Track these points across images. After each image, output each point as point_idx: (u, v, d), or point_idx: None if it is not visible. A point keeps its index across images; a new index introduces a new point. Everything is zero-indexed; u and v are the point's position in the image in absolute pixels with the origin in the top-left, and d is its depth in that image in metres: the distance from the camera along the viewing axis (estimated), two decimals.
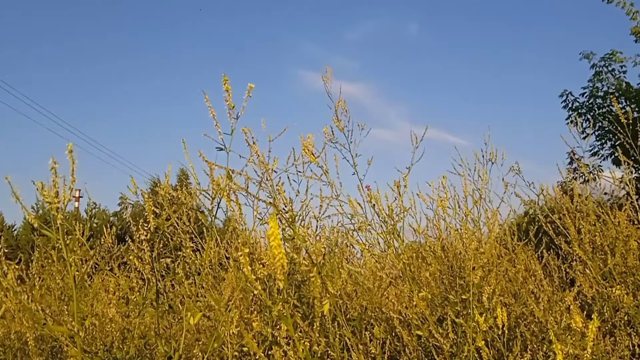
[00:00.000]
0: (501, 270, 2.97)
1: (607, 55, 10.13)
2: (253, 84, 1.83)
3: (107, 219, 25.55)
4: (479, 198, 3.46)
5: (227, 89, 1.82)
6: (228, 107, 1.82)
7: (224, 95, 1.83)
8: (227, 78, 1.81)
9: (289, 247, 2.22)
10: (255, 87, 1.89)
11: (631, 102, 9.79)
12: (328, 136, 3.63)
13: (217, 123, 1.78)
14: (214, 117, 1.79)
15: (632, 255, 2.74)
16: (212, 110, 1.79)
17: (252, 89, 1.85)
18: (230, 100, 1.82)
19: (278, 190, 2.24)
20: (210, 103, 1.79)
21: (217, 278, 2.71)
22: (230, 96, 1.82)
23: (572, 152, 10.05)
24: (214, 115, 1.78)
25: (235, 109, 1.83)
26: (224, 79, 1.81)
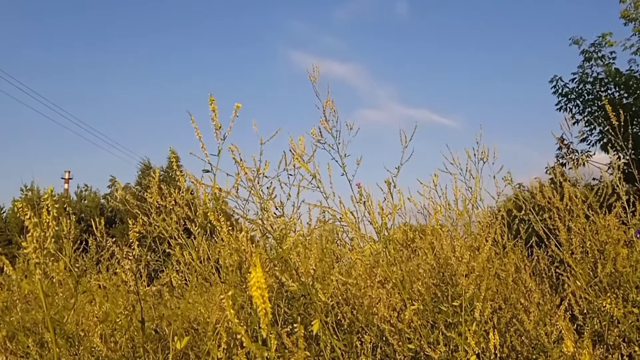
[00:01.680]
0: (492, 274, 2.97)
1: (597, 41, 10.09)
2: (240, 104, 1.78)
3: (97, 201, 25.39)
4: (470, 198, 3.45)
5: (214, 109, 1.77)
6: (215, 127, 1.77)
7: (211, 115, 1.78)
8: (214, 98, 1.76)
9: (278, 269, 2.19)
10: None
11: (620, 87, 9.79)
12: (316, 137, 3.58)
13: (203, 145, 1.74)
14: (200, 138, 1.74)
15: (621, 261, 2.73)
16: (198, 132, 1.73)
17: (239, 109, 1.80)
18: (217, 120, 1.77)
19: (266, 209, 2.19)
20: (196, 124, 1.73)
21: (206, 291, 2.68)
22: (217, 116, 1.77)
23: (561, 138, 10.08)
24: (200, 137, 1.73)
25: (222, 129, 1.78)
26: (210, 99, 1.75)
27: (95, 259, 3.77)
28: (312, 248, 2.17)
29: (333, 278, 2.63)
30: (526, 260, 3.57)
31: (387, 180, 3.77)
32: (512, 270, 3.23)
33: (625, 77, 9.62)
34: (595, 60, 10.07)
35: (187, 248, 2.92)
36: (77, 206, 24.71)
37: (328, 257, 3.39)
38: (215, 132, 1.78)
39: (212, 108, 1.77)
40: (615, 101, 9.58)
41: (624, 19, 9.76)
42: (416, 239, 3.29)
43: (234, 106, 1.80)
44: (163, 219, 2.51)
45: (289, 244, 2.08)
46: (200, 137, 1.74)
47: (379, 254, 2.53)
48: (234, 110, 1.80)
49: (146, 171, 25.23)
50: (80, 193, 26.24)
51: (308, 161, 3.06)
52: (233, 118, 1.78)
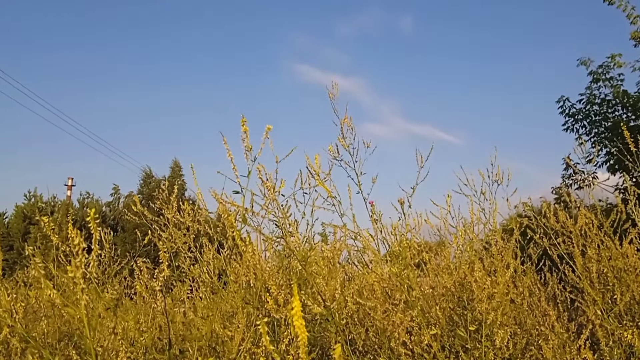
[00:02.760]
0: (507, 299, 2.96)
1: (606, 62, 10.10)
2: (271, 126, 1.79)
3: (99, 208, 25.36)
4: (486, 222, 3.46)
5: (245, 130, 1.78)
6: (245, 149, 1.78)
7: (242, 136, 1.79)
8: (246, 119, 1.77)
9: (304, 292, 2.18)
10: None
11: (628, 109, 9.79)
12: (333, 154, 3.59)
13: (234, 166, 1.74)
14: (232, 160, 1.74)
15: (637, 289, 2.73)
16: (229, 153, 1.74)
17: (270, 130, 1.81)
18: (248, 141, 1.78)
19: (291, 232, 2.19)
20: (228, 146, 1.74)
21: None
22: (248, 137, 1.78)
23: (567, 159, 10.07)
24: (231, 158, 1.73)
25: (252, 150, 1.79)
26: (242, 120, 1.76)
27: (108, 272, 3.77)
28: (336, 272, 2.16)
29: (349, 299, 2.63)
30: (539, 284, 3.56)
31: (401, 199, 3.79)
32: (526, 294, 3.22)
33: (633, 99, 9.62)
34: (604, 81, 10.08)
35: (203, 264, 2.92)
36: (80, 213, 24.66)
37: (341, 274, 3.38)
38: (246, 154, 1.79)
39: (243, 129, 1.78)
40: (622, 123, 9.59)
41: (634, 40, 9.78)
42: (431, 260, 3.29)
43: (265, 128, 1.81)
44: (184, 233, 2.51)
45: (313, 266, 2.08)
46: (232, 159, 1.74)
47: (397, 276, 2.52)
48: (265, 132, 1.81)
49: (147, 180, 25.22)
50: (83, 200, 26.23)
51: (325, 179, 3.07)
52: (264, 140, 1.79)
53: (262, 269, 2.50)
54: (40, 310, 3.58)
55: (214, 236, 2.71)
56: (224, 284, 3.36)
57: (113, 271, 4.14)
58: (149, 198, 22.51)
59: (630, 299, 2.76)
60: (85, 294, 0.99)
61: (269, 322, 2.28)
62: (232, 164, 1.74)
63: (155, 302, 1.77)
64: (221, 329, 2.57)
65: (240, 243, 1.89)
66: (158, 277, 1.64)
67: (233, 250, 3.31)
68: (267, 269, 2.87)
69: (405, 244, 2.54)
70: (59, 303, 1.09)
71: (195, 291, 3.50)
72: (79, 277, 1.01)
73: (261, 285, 2.51)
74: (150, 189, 24.13)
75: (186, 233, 2.75)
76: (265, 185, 2.05)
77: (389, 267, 2.66)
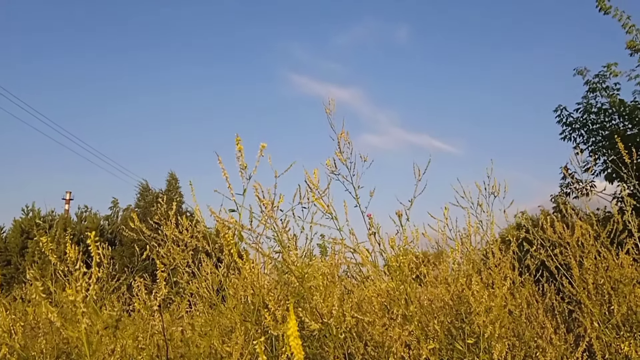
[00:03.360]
0: (505, 311, 2.97)
1: (602, 72, 10.15)
2: (265, 144, 1.81)
3: (97, 222, 25.34)
4: (483, 234, 3.47)
5: (240, 149, 1.80)
6: (240, 167, 1.80)
7: (237, 154, 1.81)
8: (240, 138, 1.79)
9: (301, 310, 2.19)
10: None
11: (625, 118, 9.83)
12: (330, 168, 3.61)
13: (229, 185, 1.76)
14: (227, 178, 1.76)
15: (635, 300, 2.74)
16: (225, 173, 1.76)
17: (264, 148, 1.83)
18: (243, 160, 1.80)
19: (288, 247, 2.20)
20: (223, 165, 1.76)
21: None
22: (243, 156, 1.80)
23: (565, 168, 10.11)
24: (226, 177, 1.75)
25: (247, 169, 1.81)
26: (236, 139, 1.78)
27: (106, 288, 3.77)
28: (334, 287, 2.17)
29: (347, 314, 2.64)
30: (537, 296, 3.57)
31: (398, 211, 3.80)
32: (524, 306, 3.23)
33: (629, 108, 9.66)
34: (600, 91, 10.13)
35: (201, 279, 2.93)
36: (78, 227, 24.63)
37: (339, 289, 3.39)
38: (241, 172, 1.81)
39: (238, 148, 1.80)
40: (619, 132, 9.63)
41: (629, 49, 9.83)
42: (429, 273, 3.30)
43: (260, 146, 1.83)
44: (182, 249, 2.52)
45: (311, 281, 2.09)
46: (227, 178, 1.76)
47: (395, 291, 2.53)
48: (259, 150, 1.83)
49: (144, 193, 25.22)
50: (81, 214, 26.22)
51: (323, 194, 3.08)
52: (258, 158, 1.81)
53: (260, 285, 2.51)
54: (38, 327, 3.58)
55: (212, 252, 2.72)
56: (223, 298, 3.37)
57: (111, 287, 4.15)
58: (146, 212, 22.51)
59: (628, 310, 2.77)
60: (85, 317, 1.01)
61: (268, 337, 2.28)
62: (227, 182, 1.76)
63: (153, 320, 1.78)
64: (220, 344, 2.58)
65: (238, 260, 1.91)
66: (155, 297, 1.65)
67: (231, 265, 3.32)
68: (265, 283, 2.88)
69: (403, 259, 2.55)
70: (59, 324, 1.10)
71: (194, 306, 3.51)
72: (79, 301, 1.03)
73: (259, 301, 2.52)
74: (147, 203, 24.15)
75: (185, 249, 2.76)
76: (262, 203, 2.07)
77: (387, 282, 2.67)
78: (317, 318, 2.13)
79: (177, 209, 3.15)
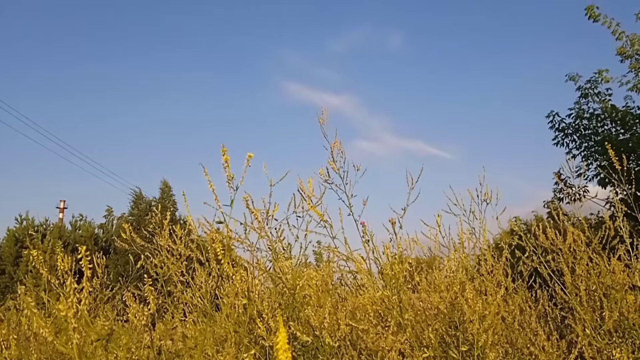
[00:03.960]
0: (499, 318, 2.98)
1: (593, 78, 10.23)
2: (252, 153, 1.82)
3: (92, 231, 25.23)
4: (476, 241, 3.49)
5: (227, 160, 1.80)
6: (227, 178, 1.81)
7: (223, 165, 1.82)
8: (226, 149, 1.79)
9: (293, 324, 2.20)
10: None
11: (617, 123, 9.90)
12: (324, 177, 3.63)
13: (216, 197, 1.77)
14: (214, 190, 1.77)
15: (626, 306, 2.75)
16: (211, 184, 1.77)
17: (251, 158, 1.84)
18: (230, 171, 1.81)
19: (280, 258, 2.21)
20: (209, 177, 1.77)
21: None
22: (229, 167, 1.81)
23: (558, 173, 10.16)
24: (213, 189, 1.76)
25: (234, 179, 1.81)
26: (222, 149, 1.79)
27: (100, 298, 3.77)
28: (327, 297, 2.18)
29: (341, 322, 2.64)
30: (530, 302, 3.58)
31: (392, 219, 3.81)
32: (517, 313, 3.24)
33: (621, 113, 9.73)
34: (592, 96, 10.20)
35: (195, 289, 2.93)
36: (72, 236, 24.53)
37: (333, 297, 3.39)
38: (228, 183, 1.81)
39: (224, 159, 1.81)
40: (612, 137, 9.68)
41: (620, 55, 9.91)
42: (423, 280, 3.31)
43: (246, 156, 1.84)
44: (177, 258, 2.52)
45: (305, 290, 2.10)
46: (214, 190, 1.77)
47: (390, 300, 2.54)
48: (246, 160, 1.84)
49: (138, 201, 25.15)
50: (75, 223, 26.10)
51: (317, 203, 3.09)
52: (245, 168, 1.82)
53: (254, 294, 2.52)
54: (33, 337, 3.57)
55: (205, 262, 2.73)
56: (217, 307, 3.37)
57: (105, 297, 4.14)
58: (140, 220, 22.44)
59: (620, 316, 2.78)
60: (76, 332, 1.01)
61: (261, 347, 2.29)
62: (214, 194, 1.77)
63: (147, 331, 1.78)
64: (214, 353, 2.58)
65: (229, 271, 1.91)
66: (144, 314, 1.65)
67: (223, 274, 3.32)
68: (258, 292, 2.89)
69: (397, 267, 2.57)
70: (50, 339, 1.11)
71: (189, 314, 3.51)
72: (70, 317, 1.03)
73: (252, 310, 2.52)
74: (140, 211, 24.08)
75: (179, 258, 2.76)
76: (253, 213, 2.08)
77: (382, 290, 2.68)
78: (309, 329, 2.13)
79: (171, 217, 3.15)
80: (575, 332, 2.99)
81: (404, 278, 2.90)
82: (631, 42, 9.81)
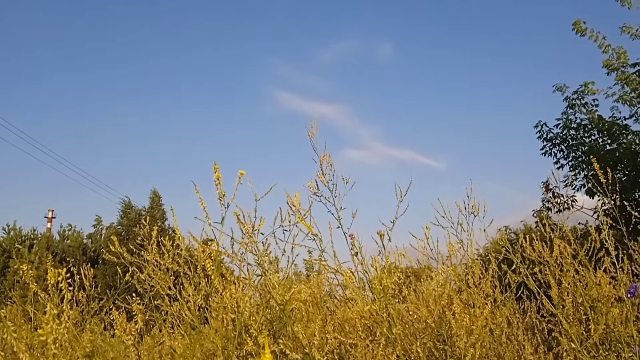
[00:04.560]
0: (486, 331, 3.00)
1: (580, 89, 10.35)
2: (244, 171, 1.83)
3: (80, 241, 25.02)
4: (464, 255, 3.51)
5: (218, 177, 1.81)
6: (219, 195, 1.82)
7: (215, 182, 1.83)
8: (218, 166, 1.80)
9: (282, 341, 2.20)
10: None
11: (604, 134, 10.00)
12: (313, 190, 3.64)
13: (207, 214, 1.77)
14: (204, 208, 1.77)
15: (612, 319, 2.78)
16: (202, 202, 1.77)
17: (242, 175, 1.85)
18: (221, 188, 1.82)
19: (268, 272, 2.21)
20: (200, 194, 1.78)
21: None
22: (221, 184, 1.82)
23: (546, 184, 10.21)
24: (204, 206, 1.77)
25: (226, 197, 1.82)
26: (214, 166, 1.80)
27: (86, 311, 3.74)
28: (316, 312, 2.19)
29: (330, 336, 2.64)
30: (517, 314, 3.60)
31: (380, 231, 3.83)
32: (504, 325, 3.26)
33: (608, 124, 9.84)
34: (579, 107, 10.32)
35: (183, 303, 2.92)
36: (60, 246, 24.30)
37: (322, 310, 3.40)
38: (219, 200, 1.82)
39: (216, 176, 1.82)
40: (598, 147, 9.78)
41: (606, 68, 10.05)
42: (410, 294, 3.32)
43: (238, 173, 1.85)
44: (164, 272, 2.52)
45: (290, 309, 2.10)
46: (205, 207, 1.78)
47: (378, 313, 2.55)
48: (237, 178, 1.85)
49: (127, 210, 24.98)
50: (63, 233, 25.86)
51: (305, 216, 3.10)
52: (237, 186, 1.83)
53: (242, 308, 2.52)
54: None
55: (193, 277, 2.73)
56: (206, 319, 3.36)
57: (93, 310, 4.10)
58: (129, 230, 22.29)
59: (606, 328, 2.81)
60: (56, 358, 1.01)
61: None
62: (205, 212, 1.77)
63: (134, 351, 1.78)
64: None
65: (219, 287, 1.92)
66: (132, 331, 1.65)
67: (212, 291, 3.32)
68: (248, 306, 2.89)
69: (385, 281, 2.58)
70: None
71: (177, 327, 3.49)
72: (50, 343, 1.03)
73: (240, 325, 2.52)
74: (129, 220, 23.91)
75: (166, 273, 2.76)
76: (243, 228, 2.08)
77: (370, 303, 2.69)
78: (298, 346, 2.14)
79: (160, 227, 3.15)
80: (562, 345, 3.01)
81: (393, 291, 2.91)
82: (617, 55, 9.96)
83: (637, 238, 3.73)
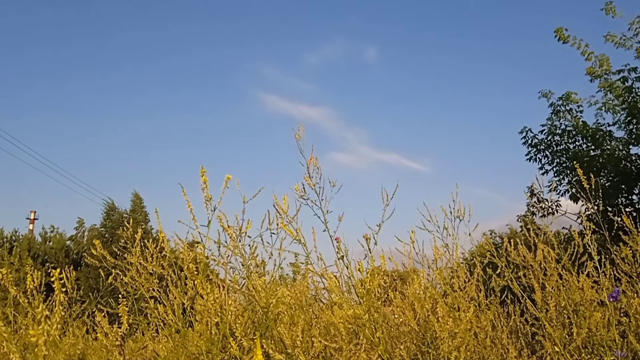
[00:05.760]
0: (471, 334, 3.01)
1: (564, 96, 10.47)
2: (231, 175, 1.83)
3: (63, 242, 24.74)
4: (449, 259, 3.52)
5: (205, 181, 1.81)
6: (205, 199, 1.81)
7: (202, 186, 1.82)
8: (205, 170, 1.80)
9: (265, 342, 2.19)
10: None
11: (588, 140, 10.10)
12: (300, 193, 3.63)
13: (194, 217, 1.76)
14: (191, 210, 1.76)
15: (594, 323, 2.81)
16: (189, 204, 1.76)
17: (229, 180, 1.84)
18: (208, 191, 1.81)
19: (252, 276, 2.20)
20: (188, 197, 1.77)
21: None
22: (208, 188, 1.81)
23: (531, 190, 10.30)
24: (191, 208, 1.76)
25: (212, 200, 1.81)
26: (201, 171, 1.79)
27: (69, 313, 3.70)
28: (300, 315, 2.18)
29: (315, 340, 2.64)
30: (502, 318, 3.62)
31: (366, 235, 3.83)
32: (489, 329, 3.28)
33: (592, 130, 9.95)
34: (563, 113, 10.43)
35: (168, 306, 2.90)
36: (42, 248, 24.01)
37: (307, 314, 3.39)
38: (206, 203, 1.81)
39: (203, 180, 1.81)
40: (583, 153, 9.88)
41: (589, 75, 10.18)
42: (396, 297, 3.33)
43: (225, 177, 1.84)
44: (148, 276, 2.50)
45: (279, 307, 2.10)
46: (192, 209, 1.77)
47: (361, 318, 2.55)
48: (224, 182, 1.84)
49: (110, 212, 24.74)
50: (45, 234, 25.54)
51: (292, 220, 3.10)
52: (224, 190, 1.82)
53: (227, 312, 2.50)
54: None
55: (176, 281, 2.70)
56: (190, 323, 3.33)
57: (75, 313, 4.06)
58: (112, 232, 22.07)
59: (588, 332, 2.83)
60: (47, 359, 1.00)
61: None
62: (192, 214, 1.76)
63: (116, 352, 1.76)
64: None
65: (202, 292, 1.90)
66: (115, 334, 1.63)
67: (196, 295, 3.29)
68: (232, 309, 2.87)
69: (370, 285, 2.58)
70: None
71: (161, 330, 3.46)
72: (41, 344, 1.02)
73: (225, 329, 2.51)
74: (113, 222, 23.68)
75: (151, 274, 2.73)
76: (228, 232, 2.08)
77: (355, 307, 2.69)
78: (282, 348, 2.13)
79: (142, 233, 3.12)
80: (546, 348, 3.03)
81: (378, 294, 2.91)
82: (600, 63, 10.09)
83: (620, 243, 3.77)
